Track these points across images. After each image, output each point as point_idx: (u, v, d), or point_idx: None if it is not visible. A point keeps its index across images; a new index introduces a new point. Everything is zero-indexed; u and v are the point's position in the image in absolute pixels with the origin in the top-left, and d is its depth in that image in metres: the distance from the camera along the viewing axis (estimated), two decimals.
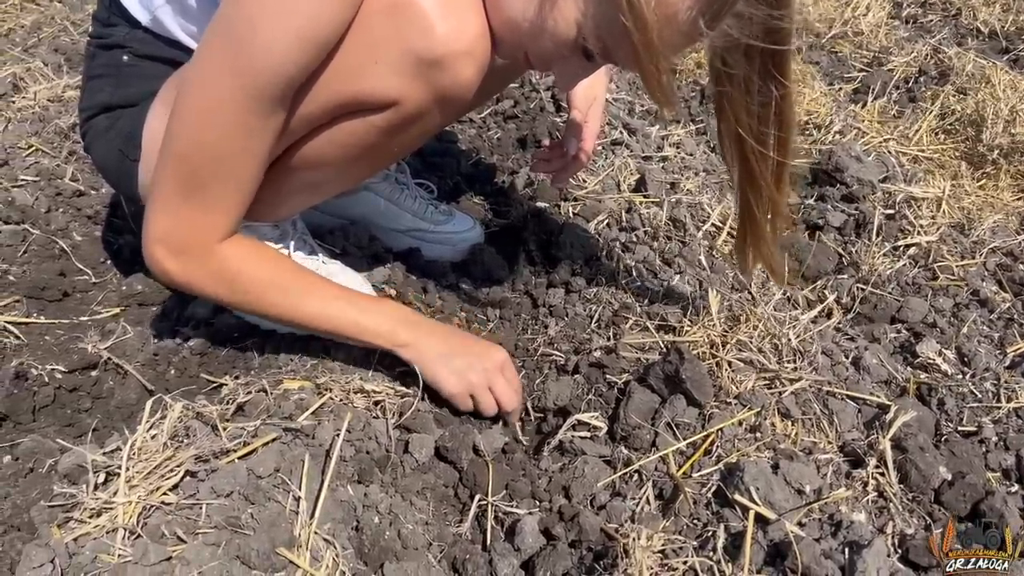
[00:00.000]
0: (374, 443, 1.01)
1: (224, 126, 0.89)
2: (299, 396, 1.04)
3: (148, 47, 1.09)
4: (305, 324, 1.06)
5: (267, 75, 0.85)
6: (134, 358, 1.19)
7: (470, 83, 0.93)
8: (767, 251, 1.12)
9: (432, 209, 1.51)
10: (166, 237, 0.97)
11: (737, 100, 0.94)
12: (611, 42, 0.87)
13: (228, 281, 1.01)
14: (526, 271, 1.52)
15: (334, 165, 1.03)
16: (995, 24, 3.03)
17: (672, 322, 1.25)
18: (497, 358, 1.13)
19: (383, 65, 0.89)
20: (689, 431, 1.06)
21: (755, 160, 1.00)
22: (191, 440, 0.93)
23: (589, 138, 1.37)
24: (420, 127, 0.98)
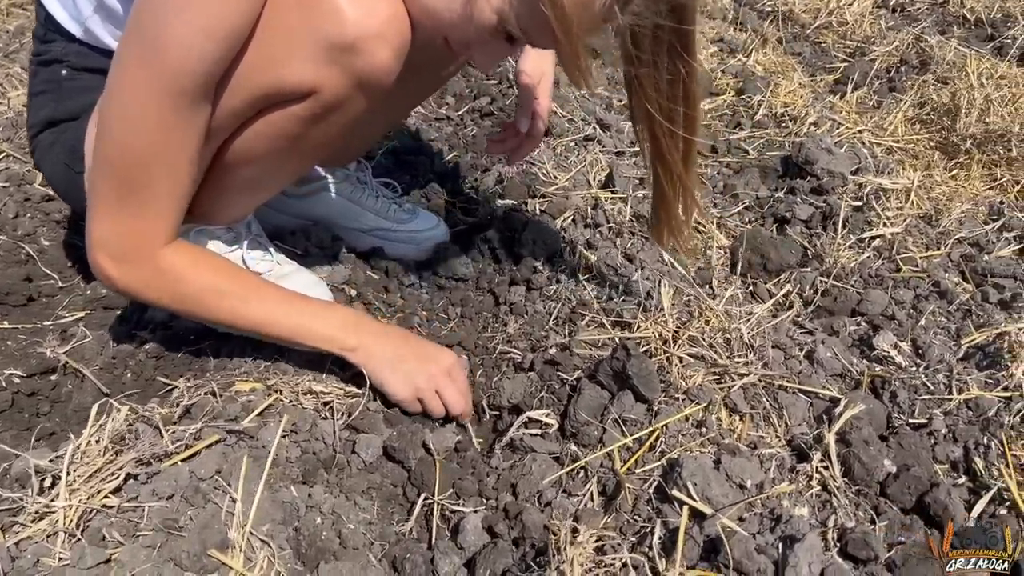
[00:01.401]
0: (321, 443, 1.02)
1: (148, 128, 0.90)
2: (247, 398, 1.05)
3: (85, 59, 1.10)
4: (250, 329, 1.08)
5: (182, 72, 0.86)
6: (92, 362, 1.20)
7: (386, 66, 0.94)
8: (677, 226, 1.18)
9: (395, 208, 1.51)
10: (106, 244, 0.98)
11: (646, 79, 0.98)
12: (532, 28, 0.90)
13: (170, 287, 1.02)
14: (490, 269, 1.52)
15: (267, 159, 1.04)
16: (981, 11, 3.02)
17: (627, 318, 1.26)
18: (445, 362, 1.14)
19: (298, 54, 0.90)
20: (636, 427, 1.06)
21: (664, 137, 1.05)
22: (134, 443, 0.94)
23: (541, 115, 1.39)
24: (344, 114, 0.99)
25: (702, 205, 1.65)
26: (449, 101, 2.34)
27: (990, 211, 1.69)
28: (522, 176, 1.78)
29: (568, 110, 2.14)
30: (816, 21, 3.01)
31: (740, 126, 2.20)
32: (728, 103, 2.31)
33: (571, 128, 2.05)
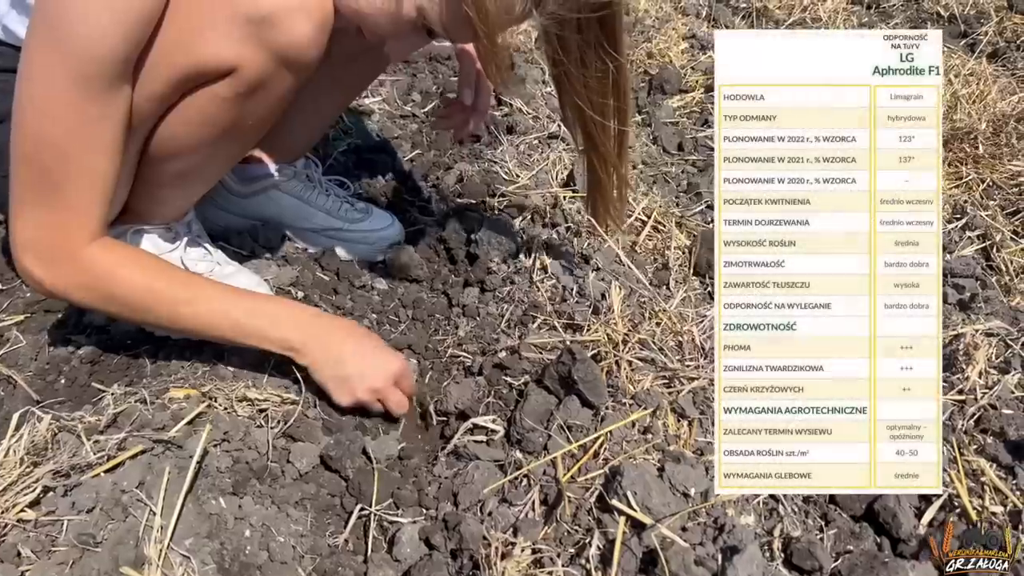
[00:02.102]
0: (254, 452, 0.99)
1: (63, 118, 0.86)
2: (179, 406, 1.02)
3: (5, 60, 1.06)
4: (185, 330, 1.04)
5: (92, 56, 0.83)
6: (25, 368, 1.17)
7: (308, 38, 0.92)
8: (615, 210, 1.23)
9: (347, 207, 1.48)
10: (30, 244, 0.94)
11: (574, 75, 1.00)
12: (452, 24, 0.93)
13: (99, 287, 0.97)
14: (445, 270, 1.49)
15: (194, 147, 1.01)
16: (955, 8, 3.01)
17: (579, 321, 1.23)
18: (392, 369, 1.10)
19: (214, 31, 0.88)
20: (581, 433, 1.03)
21: (596, 129, 1.07)
22: (54, 454, 0.91)
23: (483, 90, 1.38)
24: (269, 93, 0.97)
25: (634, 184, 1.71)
26: (415, 98, 2.30)
27: (953, 210, 1.67)
28: (482, 175, 1.75)
29: (532, 107, 2.11)
30: (790, 17, 2.99)
31: (708, 124, 2.17)
32: (697, 100, 2.29)
33: (535, 126, 2.02)
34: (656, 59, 2.55)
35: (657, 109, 2.20)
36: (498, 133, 1.95)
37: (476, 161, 1.85)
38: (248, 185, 1.40)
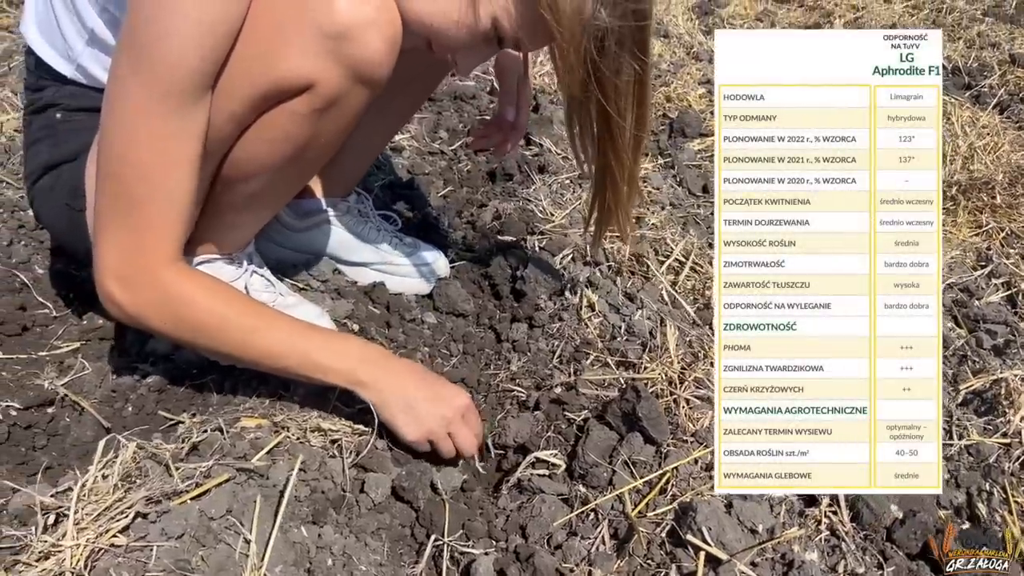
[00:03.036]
0: (330, 483, 1.01)
1: (144, 135, 0.90)
2: (255, 435, 1.03)
3: (79, 100, 1.09)
4: (253, 360, 1.04)
5: (172, 72, 0.86)
6: (91, 395, 1.18)
7: (381, 54, 0.96)
8: (623, 217, 1.24)
9: (397, 241, 1.51)
10: (113, 267, 0.97)
11: (607, 79, 1.02)
12: (526, 32, 0.98)
13: (175, 312, 0.99)
14: (491, 305, 1.52)
15: (268, 167, 1.04)
16: (958, 60, 3.11)
17: (632, 358, 1.26)
18: (459, 404, 1.10)
19: (292, 47, 0.92)
20: (645, 469, 1.06)
21: (618, 133, 1.09)
22: (143, 481, 0.92)
23: (524, 107, 1.43)
24: (343, 110, 1.00)
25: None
26: (442, 136, 2.35)
27: (978, 257, 1.73)
28: (519, 212, 1.79)
29: (562, 148, 2.16)
30: None
31: None
32: None
33: (565, 166, 2.07)
34: (675, 103, 2.62)
35: (679, 152, 2.26)
36: (530, 172, 2.00)
37: (510, 199, 1.89)
38: (303, 219, 1.44)
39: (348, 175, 1.48)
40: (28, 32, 1.12)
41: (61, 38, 1.08)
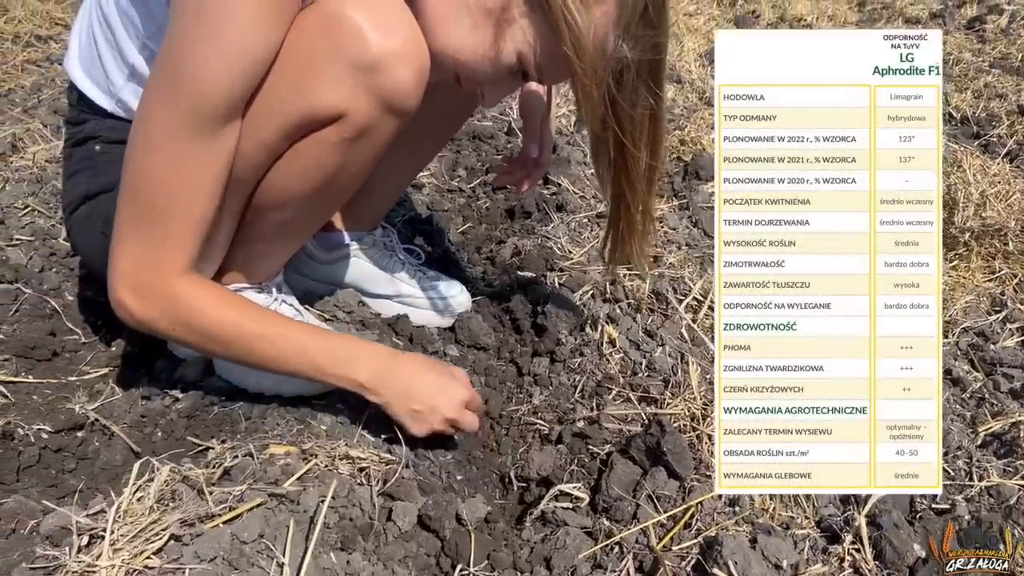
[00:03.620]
0: (358, 510, 1.02)
1: (167, 153, 0.93)
2: (285, 461, 1.05)
3: (118, 132, 1.13)
4: (261, 365, 1.08)
5: (200, 97, 0.89)
6: (121, 419, 1.20)
7: (410, 84, 0.99)
8: (638, 245, 1.26)
9: (420, 275, 1.54)
10: (126, 276, 1.00)
11: (624, 111, 1.06)
12: (549, 66, 1.02)
13: (182, 319, 1.02)
14: (512, 339, 1.54)
15: (299, 196, 1.07)
16: (967, 110, 3.15)
17: (654, 394, 1.28)
18: (459, 398, 1.15)
19: (324, 78, 0.95)
20: (670, 503, 1.07)
21: (632, 165, 1.13)
22: (177, 504, 0.94)
23: (547, 146, 1.47)
24: (372, 140, 1.03)
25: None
26: (461, 174, 2.39)
27: (992, 303, 1.74)
28: (538, 249, 1.81)
29: (579, 187, 2.20)
30: None
31: None
32: None
33: (583, 205, 2.10)
34: (689, 146, 2.66)
35: (694, 194, 2.29)
36: (548, 210, 2.03)
37: (529, 236, 1.92)
38: (330, 252, 1.46)
39: (375, 209, 1.52)
40: (72, 68, 1.15)
41: (103, 73, 1.11)
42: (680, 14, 4.59)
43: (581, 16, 0.93)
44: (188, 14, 0.89)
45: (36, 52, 3.03)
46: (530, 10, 0.97)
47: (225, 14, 0.87)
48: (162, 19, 0.98)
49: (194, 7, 0.88)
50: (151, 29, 1.03)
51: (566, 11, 0.93)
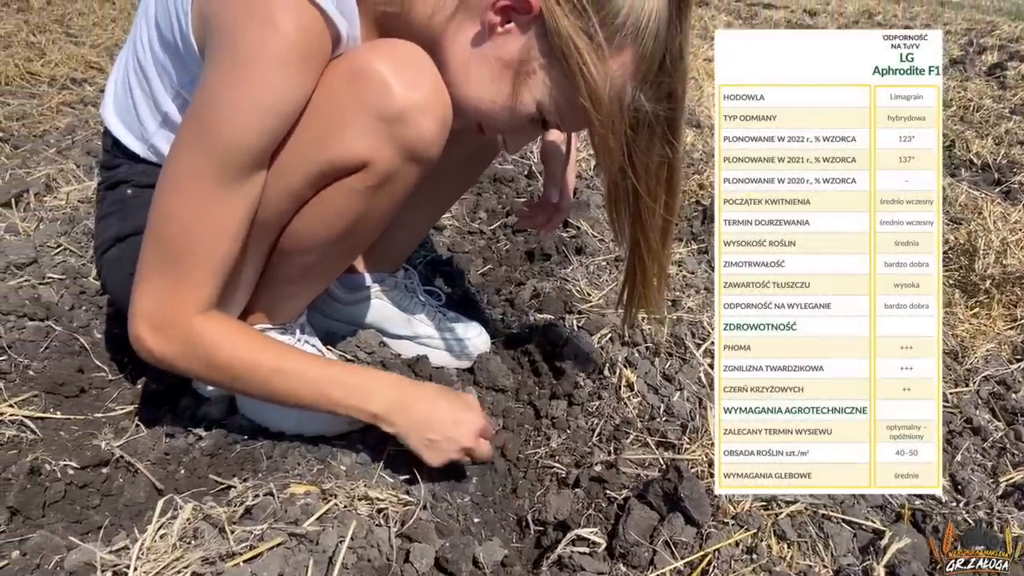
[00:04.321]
0: (376, 551, 1.03)
1: (194, 197, 0.96)
2: (305, 501, 1.06)
3: (150, 177, 1.17)
4: (276, 398, 1.10)
5: (230, 146, 0.93)
6: (145, 456, 1.22)
7: (433, 134, 1.02)
8: (651, 298, 1.27)
9: (440, 316, 1.56)
10: (147, 314, 1.02)
11: (639, 163, 1.07)
12: (568, 115, 1.05)
13: (202, 355, 1.05)
14: (530, 381, 1.55)
15: (323, 241, 1.10)
16: (987, 156, 3.16)
17: (672, 439, 1.28)
18: (473, 426, 1.18)
19: (349, 128, 0.98)
20: (687, 550, 1.07)
21: (647, 216, 1.14)
22: (199, 541, 0.95)
23: (567, 191, 1.49)
24: (395, 187, 1.06)
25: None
26: (482, 216, 2.42)
27: (1014, 351, 1.74)
28: (557, 291, 1.83)
29: (598, 231, 2.22)
30: None
31: None
32: None
33: (602, 248, 2.12)
34: (708, 190, 2.68)
35: (712, 238, 2.31)
36: (567, 253, 2.06)
37: (548, 279, 1.94)
38: (352, 293, 1.49)
39: (397, 252, 1.55)
40: (107, 114, 1.20)
41: (136, 120, 1.16)
42: (700, 59, 4.65)
43: (598, 69, 0.96)
44: (223, 64, 0.93)
45: (71, 94, 3.12)
46: (548, 63, 1.00)
47: (259, 66, 0.91)
48: (196, 70, 1.02)
49: (229, 57, 0.92)
50: (184, 79, 1.07)
51: (583, 65, 0.96)
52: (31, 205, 2.00)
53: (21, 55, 3.38)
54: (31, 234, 1.80)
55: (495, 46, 1.01)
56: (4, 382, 1.30)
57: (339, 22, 0.96)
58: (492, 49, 1.01)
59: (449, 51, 1.04)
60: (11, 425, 1.21)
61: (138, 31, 1.12)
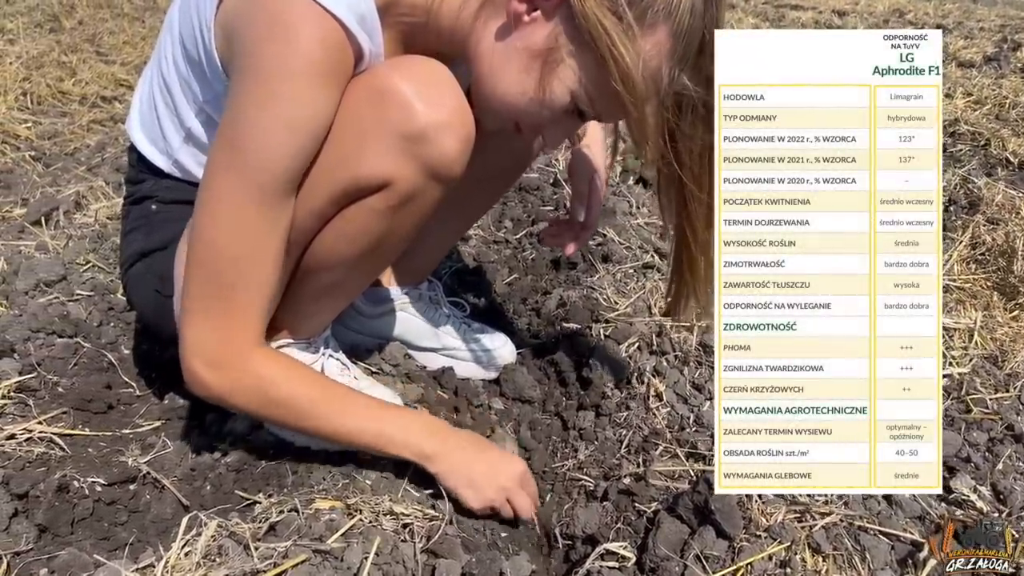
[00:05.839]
0: (401, 567, 1.02)
1: (235, 225, 0.96)
2: (329, 517, 1.05)
3: (174, 192, 1.17)
4: (331, 437, 1.12)
5: (267, 169, 0.93)
6: (172, 472, 1.22)
7: (455, 153, 1.01)
8: (701, 289, 1.23)
9: (465, 328, 1.55)
10: (201, 351, 1.02)
11: (683, 148, 1.04)
12: (602, 103, 1.01)
13: (261, 393, 1.05)
14: (557, 392, 1.54)
15: (346, 259, 1.10)
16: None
17: (702, 450, 1.25)
18: (516, 471, 1.18)
19: (372, 148, 0.97)
20: (718, 564, 1.04)
21: (692, 202, 1.10)
22: (224, 559, 0.94)
23: (595, 207, 1.44)
24: (418, 206, 1.05)
25: None
26: (507, 225, 2.41)
27: None
28: (584, 300, 1.81)
29: (625, 238, 2.20)
30: None
31: None
32: None
33: (629, 255, 2.10)
34: None
35: None
36: (594, 261, 2.04)
37: (574, 287, 1.92)
38: (377, 307, 1.48)
39: (422, 265, 1.54)
40: (132, 130, 1.21)
41: (161, 136, 1.16)
42: None
43: (628, 50, 0.93)
44: (248, 83, 0.93)
45: (101, 112, 3.17)
46: (577, 49, 0.97)
47: (286, 84, 0.90)
48: (219, 87, 1.02)
49: (253, 77, 0.92)
50: (208, 95, 1.07)
51: (612, 46, 0.92)
52: (60, 223, 2.03)
53: (53, 75, 3.44)
54: (60, 251, 1.83)
55: (522, 36, 0.99)
56: (34, 399, 1.31)
57: (361, 38, 0.95)
58: (519, 40, 0.99)
59: (478, 48, 1.03)
60: (40, 442, 1.22)
61: (163, 47, 1.12)
